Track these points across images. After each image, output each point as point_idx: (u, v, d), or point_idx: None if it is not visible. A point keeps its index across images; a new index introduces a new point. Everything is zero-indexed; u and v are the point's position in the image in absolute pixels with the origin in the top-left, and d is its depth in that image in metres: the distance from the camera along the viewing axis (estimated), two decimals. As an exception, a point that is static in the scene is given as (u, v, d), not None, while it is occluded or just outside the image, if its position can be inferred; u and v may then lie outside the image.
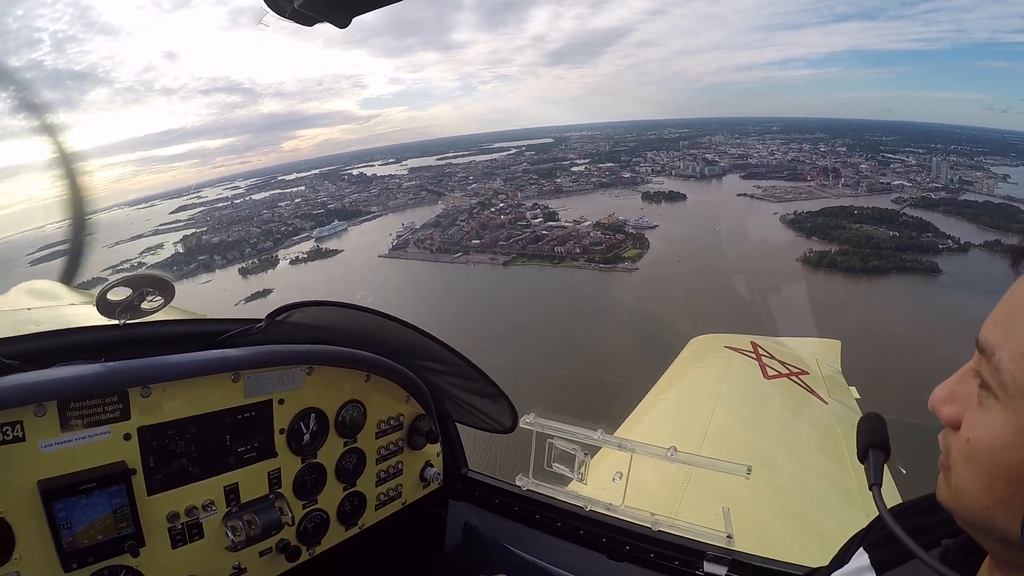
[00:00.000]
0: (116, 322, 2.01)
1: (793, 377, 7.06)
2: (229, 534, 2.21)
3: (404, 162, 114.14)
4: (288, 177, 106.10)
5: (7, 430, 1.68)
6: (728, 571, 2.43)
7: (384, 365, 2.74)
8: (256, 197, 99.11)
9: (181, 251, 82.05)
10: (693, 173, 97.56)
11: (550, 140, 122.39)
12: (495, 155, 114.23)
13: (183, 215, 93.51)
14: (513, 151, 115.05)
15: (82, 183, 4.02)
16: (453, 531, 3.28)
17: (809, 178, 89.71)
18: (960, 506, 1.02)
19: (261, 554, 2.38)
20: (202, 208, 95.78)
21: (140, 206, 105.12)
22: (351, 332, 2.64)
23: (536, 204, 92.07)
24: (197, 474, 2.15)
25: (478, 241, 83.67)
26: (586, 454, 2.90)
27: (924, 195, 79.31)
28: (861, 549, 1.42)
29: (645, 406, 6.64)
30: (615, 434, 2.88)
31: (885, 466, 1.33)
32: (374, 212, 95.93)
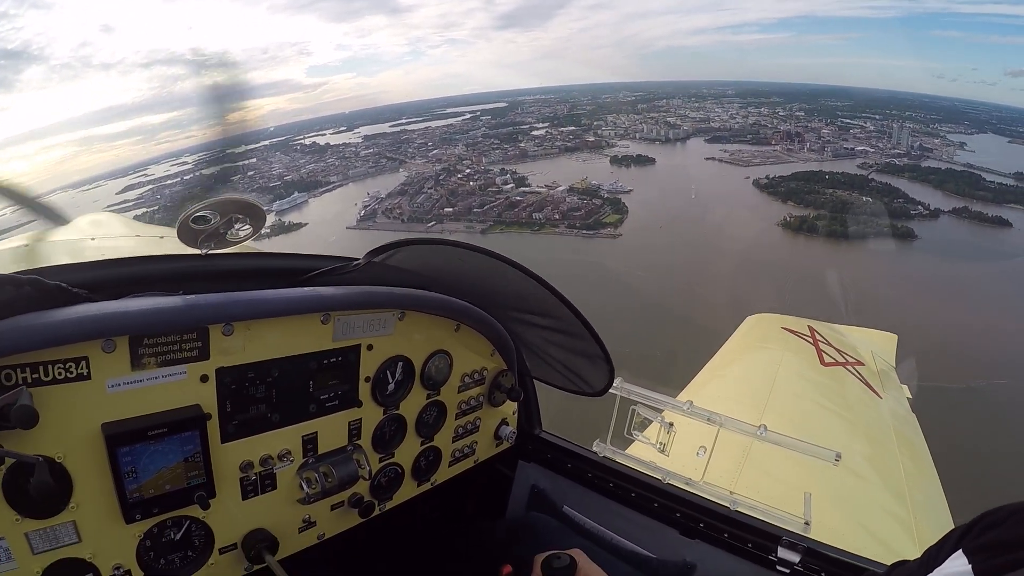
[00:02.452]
0: (198, 251, 1.79)
1: (849, 367, 6.90)
2: (304, 486, 2.08)
3: (356, 130, 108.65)
4: (237, 149, 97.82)
5: (70, 367, 1.53)
6: (802, 558, 2.37)
7: (478, 316, 2.56)
8: (206, 172, 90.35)
9: (135, 233, 75.25)
10: (657, 137, 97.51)
11: (504, 104, 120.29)
12: (450, 120, 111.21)
13: (131, 195, 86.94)
14: (468, 116, 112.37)
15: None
16: (519, 492, 3.15)
17: (773, 142, 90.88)
18: None
19: (332, 507, 2.28)
20: (151, 186, 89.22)
21: (85, 188, 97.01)
22: (444, 277, 2.45)
23: (504, 169, 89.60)
24: (276, 421, 2.00)
25: (451, 209, 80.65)
26: (671, 424, 2.85)
27: (888, 161, 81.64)
28: (960, 551, 1.27)
29: (700, 381, 6.58)
30: None
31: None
32: (334, 182, 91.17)
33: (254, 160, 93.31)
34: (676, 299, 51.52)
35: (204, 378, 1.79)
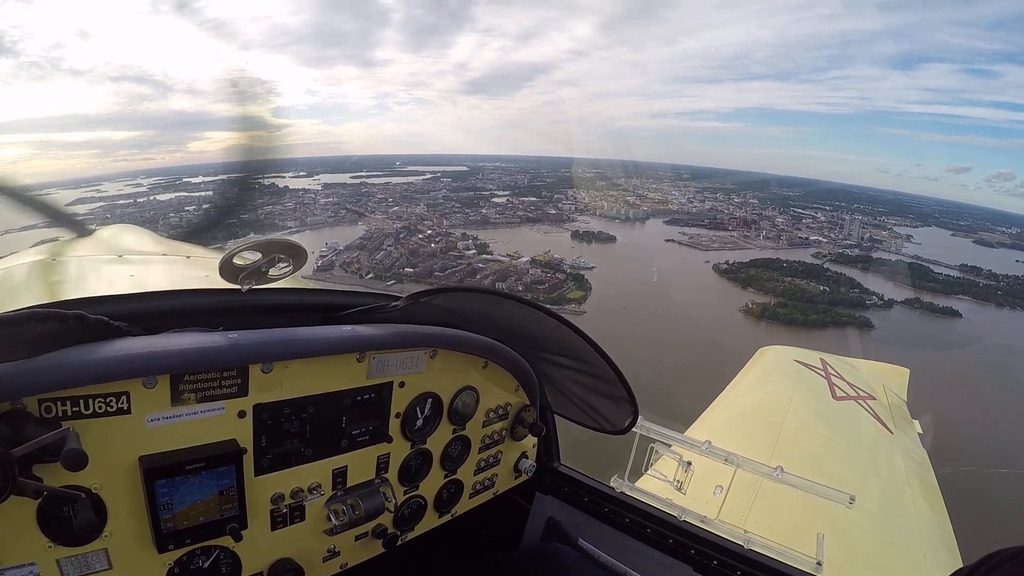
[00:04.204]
0: (237, 287, 1.86)
1: (861, 401, 6.92)
2: (331, 518, 2.14)
3: (316, 176, 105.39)
4: (194, 180, 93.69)
5: (111, 401, 1.55)
6: None
7: (505, 354, 2.62)
8: (161, 198, 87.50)
9: (80, 250, 69.54)
10: (617, 215, 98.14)
11: (465, 168, 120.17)
12: (410, 178, 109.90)
13: (81, 208, 79.58)
14: (428, 176, 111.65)
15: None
16: (535, 524, 3.17)
17: (730, 228, 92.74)
18: None
19: (357, 538, 2.32)
20: (102, 203, 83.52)
21: (34, 193, 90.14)
22: (475, 316, 2.48)
23: (466, 234, 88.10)
24: (308, 456, 2.05)
25: (411, 270, 77.65)
26: (688, 463, 2.91)
27: (841, 251, 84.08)
28: None
29: (713, 411, 6.57)
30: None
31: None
32: (291, 227, 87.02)
33: (210, 192, 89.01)
34: (648, 384, 49.97)
35: (241, 414, 1.81)
